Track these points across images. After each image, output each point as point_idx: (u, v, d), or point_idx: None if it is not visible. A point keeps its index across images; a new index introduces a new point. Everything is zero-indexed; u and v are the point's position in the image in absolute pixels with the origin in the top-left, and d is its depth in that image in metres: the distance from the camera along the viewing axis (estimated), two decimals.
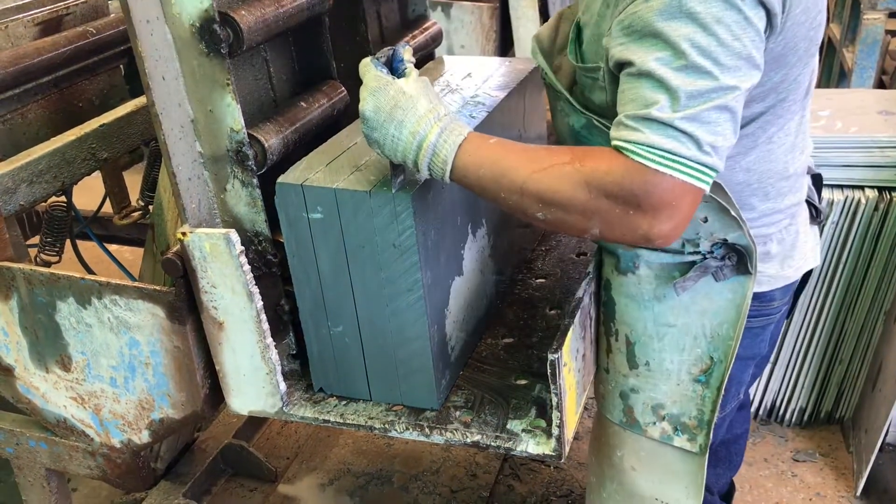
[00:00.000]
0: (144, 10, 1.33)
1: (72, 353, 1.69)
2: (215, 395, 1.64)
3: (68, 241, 2.41)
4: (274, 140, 1.51)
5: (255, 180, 1.48)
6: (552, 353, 1.34)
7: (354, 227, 1.41)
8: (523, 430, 1.47)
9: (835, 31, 3.97)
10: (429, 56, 2.16)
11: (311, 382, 1.64)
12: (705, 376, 1.51)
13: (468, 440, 1.48)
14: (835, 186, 2.39)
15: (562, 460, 1.43)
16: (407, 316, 1.47)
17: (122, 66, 2.33)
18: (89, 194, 2.71)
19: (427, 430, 1.51)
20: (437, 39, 2.17)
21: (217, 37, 1.36)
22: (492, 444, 1.47)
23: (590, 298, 1.56)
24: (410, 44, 2.03)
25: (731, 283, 1.43)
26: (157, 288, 1.55)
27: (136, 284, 1.57)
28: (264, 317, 1.50)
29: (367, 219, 1.40)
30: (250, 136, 1.46)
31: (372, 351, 1.54)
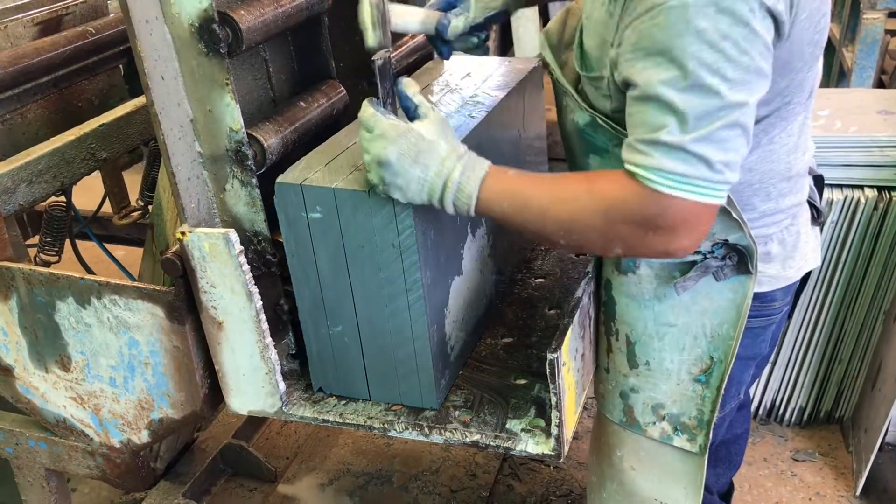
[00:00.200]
0: (144, 9, 1.33)
1: (71, 352, 1.69)
2: (215, 395, 1.64)
3: (68, 241, 2.40)
4: (273, 140, 1.51)
5: (255, 180, 1.48)
6: (551, 352, 1.34)
7: (354, 227, 1.41)
8: (522, 430, 1.47)
9: (834, 30, 3.97)
10: (428, 56, 2.16)
11: (310, 382, 1.64)
12: (705, 376, 1.51)
13: (467, 440, 1.48)
14: (834, 186, 2.39)
15: (561, 460, 1.43)
16: (406, 316, 1.47)
17: (121, 65, 2.33)
18: (89, 194, 2.71)
19: (426, 429, 1.51)
20: None
21: (216, 36, 1.37)
22: (491, 443, 1.47)
23: (589, 298, 1.56)
24: (410, 44, 2.03)
25: (731, 282, 1.43)
26: (157, 288, 1.55)
27: (135, 284, 1.57)
28: (263, 316, 1.50)
29: (366, 218, 1.40)
30: (249, 135, 1.47)
31: (371, 351, 1.54)
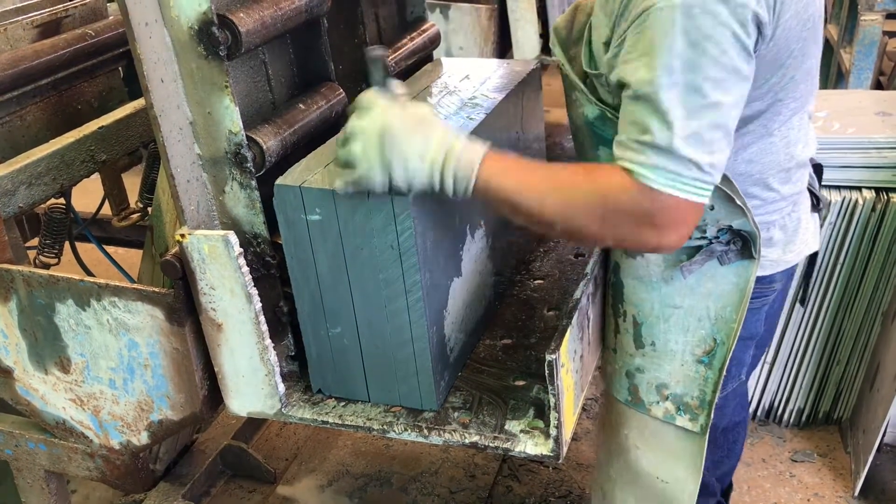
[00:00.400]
0: (143, 12, 1.34)
1: (71, 354, 1.69)
2: (214, 397, 1.64)
3: (67, 243, 2.41)
4: (272, 142, 1.51)
5: (254, 182, 1.49)
6: (550, 353, 1.34)
7: (353, 229, 1.42)
8: (521, 431, 1.48)
9: (832, 32, 3.98)
10: (427, 58, 2.17)
11: (309, 384, 1.64)
12: (708, 357, 1.56)
13: (466, 441, 1.48)
14: (832, 187, 2.39)
15: (560, 461, 1.43)
16: (405, 317, 1.47)
17: (120, 68, 2.33)
18: (88, 196, 2.72)
19: (425, 431, 1.51)
20: (435, 41, 2.17)
21: (215, 39, 1.37)
22: (490, 444, 1.47)
23: (588, 300, 1.57)
24: (409, 46, 2.04)
25: (735, 266, 1.49)
26: (156, 290, 1.55)
27: (134, 286, 1.57)
28: (263, 318, 1.50)
29: (365, 220, 1.40)
30: (249, 138, 1.47)
31: (370, 352, 1.54)
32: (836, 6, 3.95)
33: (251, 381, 1.57)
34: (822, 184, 1.71)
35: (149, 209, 2.44)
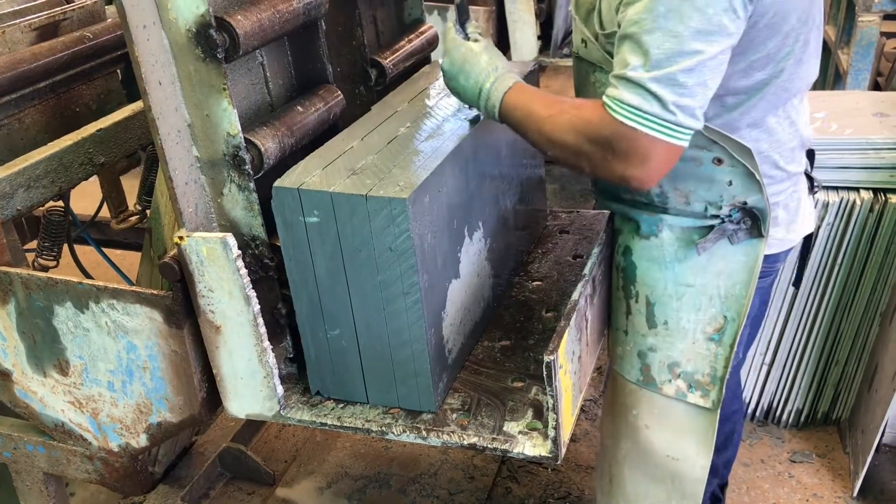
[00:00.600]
0: (141, 15, 1.34)
1: (69, 357, 1.69)
2: (213, 399, 1.64)
3: (66, 246, 2.41)
4: (270, 144, 1.51)
5: (252, 184, 1.49)
6: (548, 355, 1.35)
7: (351, 231, 1.42)
8: (520, 432, 1.48)
9: (830, 33, 3.98)
10: (425, 60, 2.17)
11: (308, 386, 1.64)
12: (719, 335, 1.63)
13: (465, 442, 1.48)
14: (830, 188, 2.39)
15: (558, 462, 1.43)
16: (404, 319, 1.47)
17: (118, 70, 2.33)
18: (87, 199, 2.71)
19: (424, 432, 1.52)
20: (433, 43, 2.18)
21: (213, 42, 1.37)
22: (488, 446, 1.47)
23: (586, 301, 1.57)
24: (406, 48, 2.04)
25: (744, 245, 1.56)
26: (155, 292, 1.55)
27: (133, 289, 1.57)
28: (261, 320, 1.50)
29: (363, 222, 1.40)
30: (247, 140, 1.47)
31: (369, 354, 1.54)
32: (833, 7, 3.95)
33: (250, 383, 1.57)
34: (822, 185, 1.77)
35: (147, 211, 2.44)
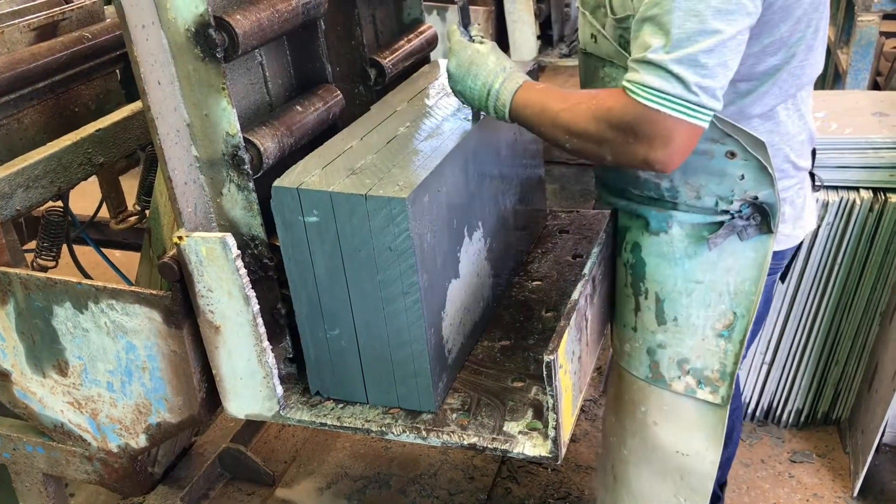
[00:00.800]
0: (140, 15, 1.34)
1: (69, 357, 1.69)
2: (212, 399, 1.64)
3: (65, 246, 2.40)
4: (270, 144, 1.51)
5: (251, 184, 1.49)
6: (548, 354, 1.34)
7: (350, 231, 1.42)
8: (520, 433, 1.48)
9: (829, 32, 3.98)
10: (424, 60, 2.17)
11: (307, 386, 1.64)
12: (728, 331, 1.63)
13: (465, 442, 1.48)
14: (830, 188, 2.39)
15: (558, 462, 1.43)
16: (404, 319, 1.47)
17: (117, 70, 2.33)
18: (86, 199, 2.71)
19: (424, 432, 1.51)
20: (432, 43, 2.17)
21: (212, 41, 1.37)
22: (488, 446, 1.47)
23: (586, 301, 1.57)
24: (406, 48, 2.04)
25: (753, 242, 1.56)
26: (154, 292, 1.55)
27: (132, 289, 1.57)
28: (261, 320, 1.50)
29: (362, 222, 1.40)
30: (246, 140, 1.47)
31: (368, 354, 1.54)
32: (832, 6, 3.95)
33: (249, 383, 1.56)
34: (822, 184, 1.78)
35: (146, 212, 2.44)
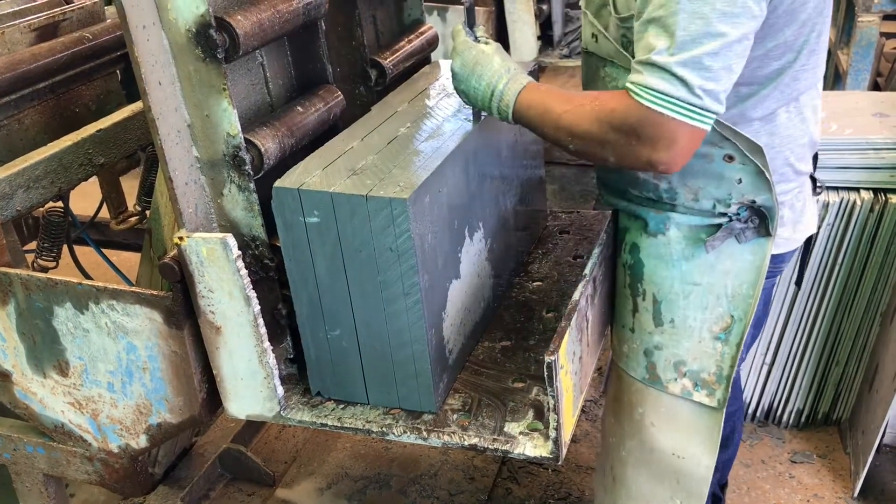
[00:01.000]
0: (141, 15, 1.34)
1: (69, 358, 1.69)
2: (213, 400, 1.64)
3: (65, 247, 2.40)
4: (270, 144, 1.51)
5: (252, 185, 1.48)
6: (549, 355, 1.34)
7: (351, 231, 1.42)
8: (520, 433, 1.48)
9: (830, 33, 3.98)
10: (425, 60, 2.17)
11: (308, 386, 1.64)
12: (725, 334, 1.63)
13: (465, 443, 1.48)
14: (830, 188, 2.39)
15: (559, 463, 1.43)
16: (404, 319, 1.47)
17: (118, 71, 2.33)
18: (86, 200, 2.71)
19: (425, 433, 1.51)
20: (432, 44, 2.17)
21: (213, 42, 1.37)
22: (489, 446, 1.47)
23: (586, 301, 1.57)
24: (406, 48, 2.04)
25: (751, 245, 1.56)
26: (155, 293, 1.55)
27: (133, 289, 1.57)
28: (262, 321, 1.50)
29: (363, 223, 1.40)
30: (247, 140, 1.47)
31: (369, 355, 1.54)
32: (833, 7, 3.95)
33: (250, 383, 1.56)
34: (821, 185, 1.77)
35: (147, 212, 2.44)
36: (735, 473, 2.50)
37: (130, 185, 2.60)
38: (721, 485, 2.16)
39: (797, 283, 1.84)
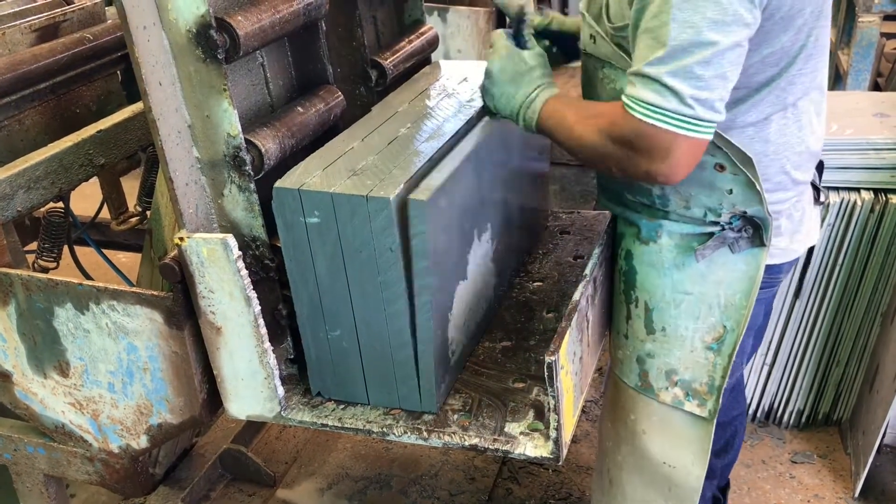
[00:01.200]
0: (141, 16, 1.34)
1: (70, 358, 1.69)
2: (213, 400, 1.64)
3: (66, 247, 2.40)
4: (271, 145, 1.51)
5: (253, 185, 1.49)
6: (549, 355, 1.34)
7: (351, 232, 1.42)
8: (521, 433, 1.48)
9: (830, 34, 3.98)
10: (425, 60, 2.17)
11: (308, 387, 1.64)
12: (717, 344, 1.61)
13: (466, 443, 1.48)
14: (831, 188, 2.39)
15: (560, 463, 1.43)
16: (405, 319, 1.47)
17: (119, 71, 2.33)
18: (87, 200, 2.71)
19: (425, 433, 1.51)
20: (433, 44, 2.17)
21: (214, 42, 1.37)
22: (489, 447, 1.47)
23: (587, 302, 1.57)
24: (407, 49, 2.04)
25: (745, 255, 1.54)
26: (155, 293, 1.55)
27: (133, 290, 1.57)
28: (262, 321, 1.50)
29: (363, 223, 1.40)
30: (247, 141, 1.47)
31: (370, 355, 1.54)
32: (833, 8, 3.95)
33: (250, 384, 1.56)
34: (826, 196, 1.73)
35: (147, 213, 2.44)
36: (736, 474, 2.50)
37: (131, 186, 2.60)
38: (722, 486, 2.16)
39: (795, 294, 1.81)
